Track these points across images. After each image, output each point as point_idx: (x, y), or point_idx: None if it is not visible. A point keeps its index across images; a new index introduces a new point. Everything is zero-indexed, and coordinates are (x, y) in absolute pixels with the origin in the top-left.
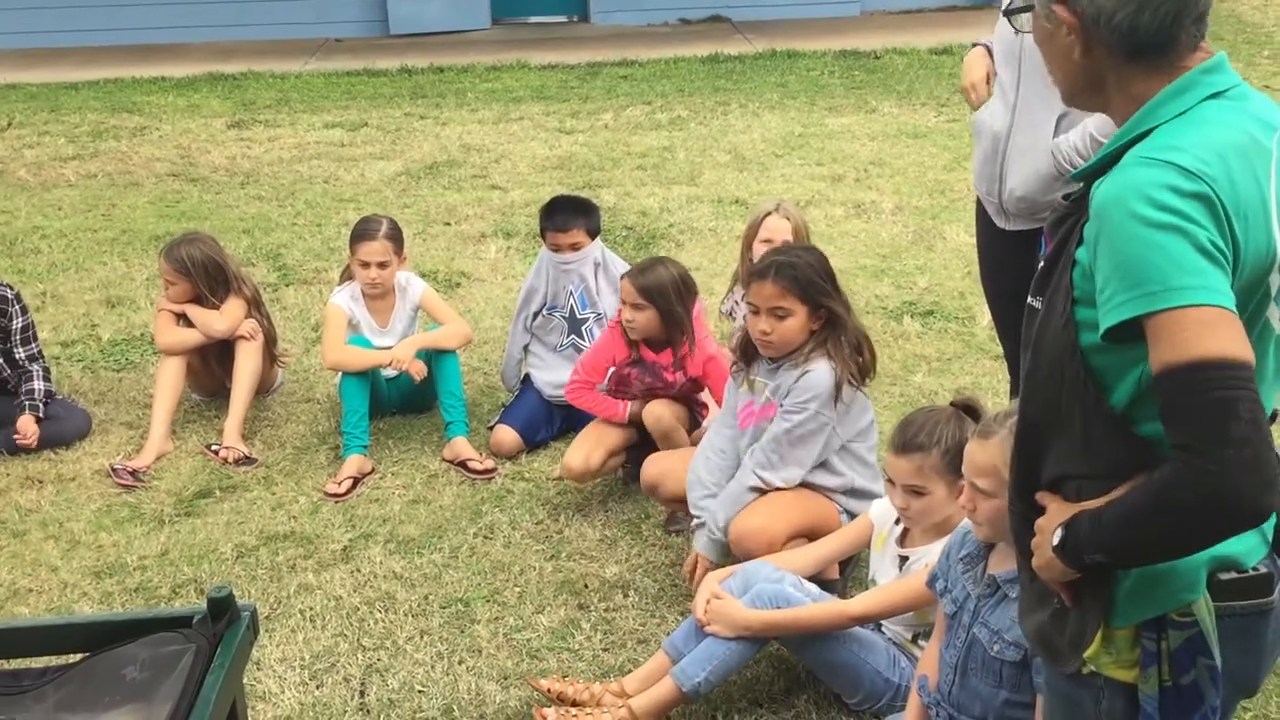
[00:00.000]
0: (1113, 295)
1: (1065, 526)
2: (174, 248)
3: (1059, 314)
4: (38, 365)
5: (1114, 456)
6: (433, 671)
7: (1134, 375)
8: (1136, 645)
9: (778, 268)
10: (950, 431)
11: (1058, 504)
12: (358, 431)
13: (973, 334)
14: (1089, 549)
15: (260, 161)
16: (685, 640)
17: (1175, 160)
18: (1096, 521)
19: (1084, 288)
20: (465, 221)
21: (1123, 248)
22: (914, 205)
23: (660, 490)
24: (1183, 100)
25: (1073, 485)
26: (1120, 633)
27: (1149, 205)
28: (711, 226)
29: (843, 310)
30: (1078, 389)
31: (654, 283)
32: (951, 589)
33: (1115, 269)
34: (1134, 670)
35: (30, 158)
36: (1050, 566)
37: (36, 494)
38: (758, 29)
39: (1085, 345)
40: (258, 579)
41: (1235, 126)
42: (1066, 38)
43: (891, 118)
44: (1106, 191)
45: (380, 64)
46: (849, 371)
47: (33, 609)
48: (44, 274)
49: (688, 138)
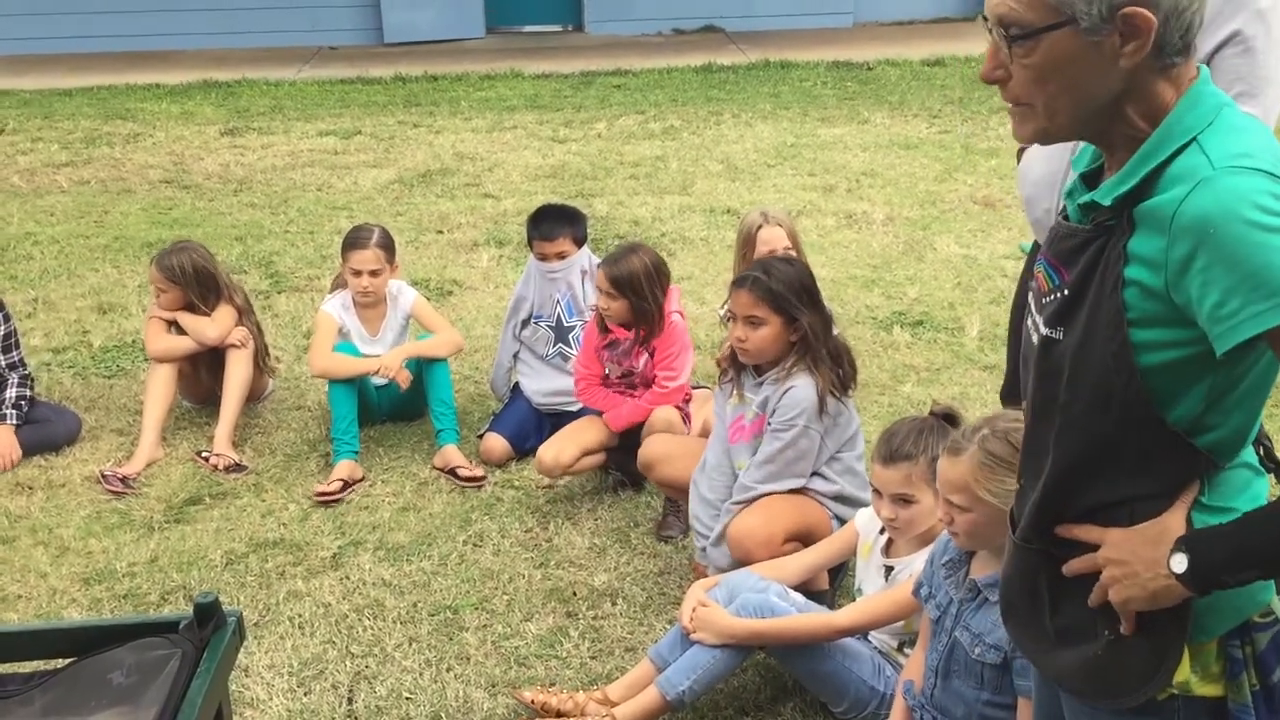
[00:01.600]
0: (1243, 307)
1: (1188, 550)
2: (165, 256)
3: (1104, 340)
4: (16, 374)
5: (1173, 473)
6: (421, 679)
7: (1200, 390)
8: (1222, 656)
9: (753, 279)
10: (935, 440)
11: (1120, 532)
12: (347, 437)
13: (961, 344)
14: (1235, 569)
15: (253, 169)
16: (671, 648)
17: (1260, 166)
18: (1242, 539)
19: (1144, 309)
20: (458, 230)
21: (1248, 257)
22: (905, 216)
23: (654, 471)
24: (1203, 110)
25: (1124, 510)
26: (1206, 647)
27: (1263, 212)
28: (704, 236)
29: (817, 324)
30: (1135, 412)
31: (625, 273)
32: (935, 594)
33: (1241, 280)
34: (1220, 683)
35: (23, 164)
36: (1157, 596)
37: (26, 500)
38: (751, 39)
39: (1145, 366)
40: (247, 586)
41: (1262, 132)
42: (1122, 48)
43: (883, 129)
44: (1206, 204)
45: (374, 72)
46: (830, 384)
47: (21, 615)
48: (36, 280)
49: (680, 147)
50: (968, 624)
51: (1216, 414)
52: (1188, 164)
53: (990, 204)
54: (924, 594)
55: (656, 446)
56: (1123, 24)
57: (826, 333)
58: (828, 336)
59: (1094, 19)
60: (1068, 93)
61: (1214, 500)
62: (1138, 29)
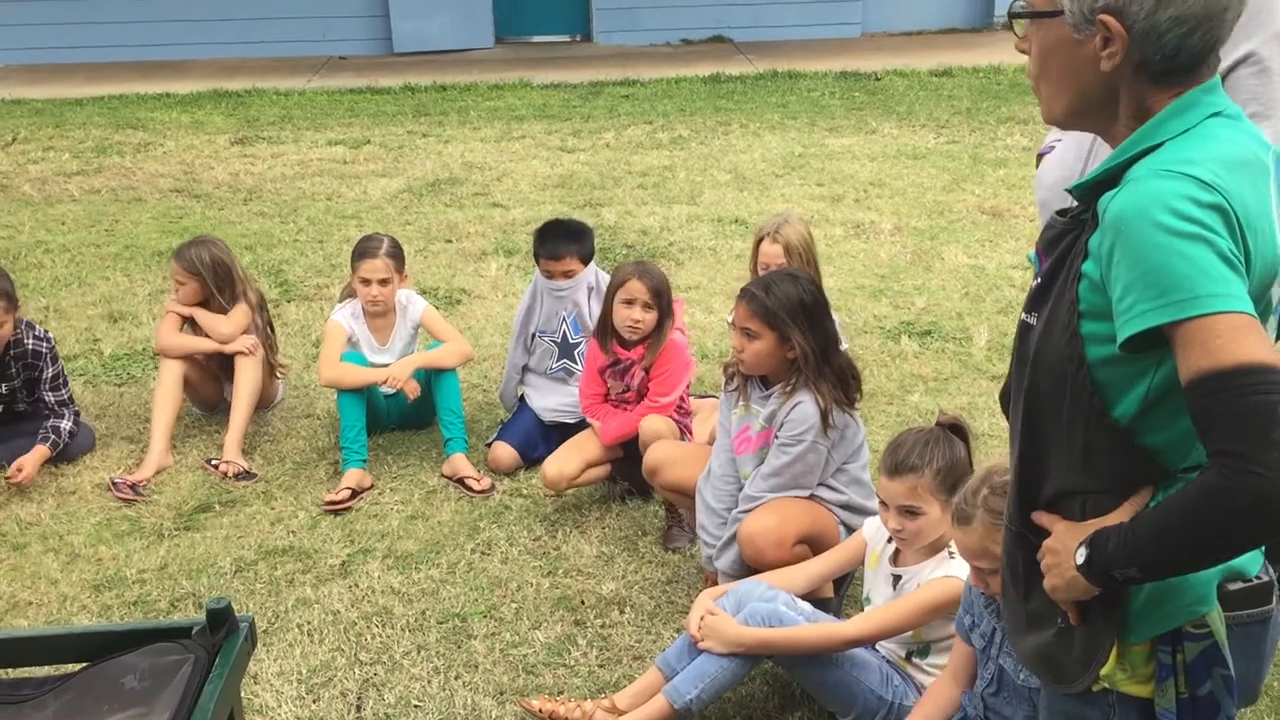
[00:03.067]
0: (1135, 304)
1: (1089, 544)
2: (184, 249)
3: (1061, 328)
4: (69, 409)
5: (1116, 470)
6: (429, 686)
7: (1140, 388)
8: (1152, 659)
9: (751, 293)
10: (940, 451)
11: (1064, 523)
12: (356, 445)
13: (969, 354)
14: (1120, 564)
15: (263, 178)
16: (678, 657)
17: (1191, 172)
18: (1128, 536)
19: (1090, 301)
20: (466, 239)
21: (1146, 257)
22: (913, 226)
23: (660, 475)
24: (1187, 117)
25: (1076, 502)
26: (1135, 648)
27: (1171, 215)
28: (711, 245)
29: (812, 344)
30: (1081, 403)
31: (663, 282)
32: (979, 624)
33: (1138, 278)
34: (1149, 685)
35: (35, 173)
36: (1071, 586)
37: (37, 507)
38: (759, 50)
39: (1092, 359)
40: (256, 593)
41: (1239, 143)
42: (1102, 50)
43: (891, 139)
44: (1124, 203)
45: (383, 81)
46: (831, 401)
47: (32, 621)
48: (47, 288)
49: (688, 157)
50: (1010, 650)
51: (1160, 415)
52: (1142, 165)
53: (998, 214)
54: (967, 623)
55: (661, 452)
56: (1100, 27)
57: (829, 351)
58: (831, 354)
59: (1077, 16)
60: (1059, 81)
61: None
62: (1111, 35)
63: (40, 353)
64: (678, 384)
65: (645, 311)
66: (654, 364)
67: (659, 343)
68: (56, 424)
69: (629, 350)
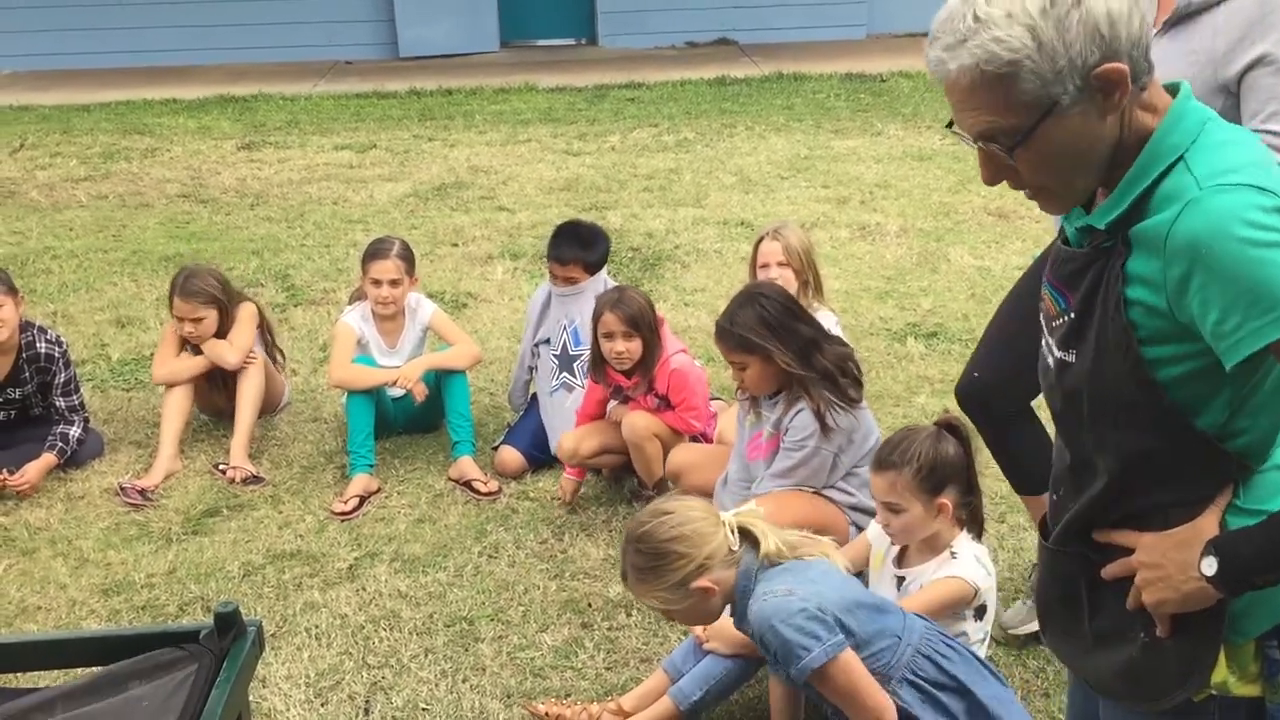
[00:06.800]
0: (1243, 323)
1: (1217, 553)
2: (189, 281)
3: (1120, 359)
4: (79, 415)
5: (1209, 478)
6: (437, 689)
7: (1223, 398)
8: (1259, 656)
9: (720, 330)
10: (925, 450)
11: (1151, 536)
12: (363, 450)
13: None
14: (1262, 570)
15: (270, 183)
16: (684, 659)
17: (1246, 181)
18: (1266, 539)
19: (1151, 327)
20: (472, 243)
21: (1241, 275)
22: (919, 227)
23: (683, 479)
24: (1186, 127)
25: (1160, 515)
26: (1241, 648)
27: (1251, 228)
28: (717, 248)
29: (791, 353)
30: (1165, 424)
31: (638, 309)
32: None
33: (1238, 297)
34: (1257, 684)
35: (42, 179)
36: (1190, 598)
37: (45, 512)
38: (764, 52)
39: (1166, 379)
40: (264, 597)
41: (1249, 144)
42: (1105, 101)
43: (897, 140)
44: (1194, 226)
45: (389, 86)
46: (825, 402)
47: (41, 626)
48: (55, 294)
49: (694, 160)
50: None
51: (1243, 418)
52: (1176, 184)
53: (1004, 215)
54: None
55: (683, 456)
56: (1099, 82)
57: (809, 354)
58: (813, 357)
59: (1073, 94)
60: (1074, 164)
61: (1249, 503)
62: (1113, 82)
63: (53, 356)
64: (701, 404)
65: (627, 341)
66: (671, 392)
67: (651, 365)
68: (65, 430)
69: (629, 379)
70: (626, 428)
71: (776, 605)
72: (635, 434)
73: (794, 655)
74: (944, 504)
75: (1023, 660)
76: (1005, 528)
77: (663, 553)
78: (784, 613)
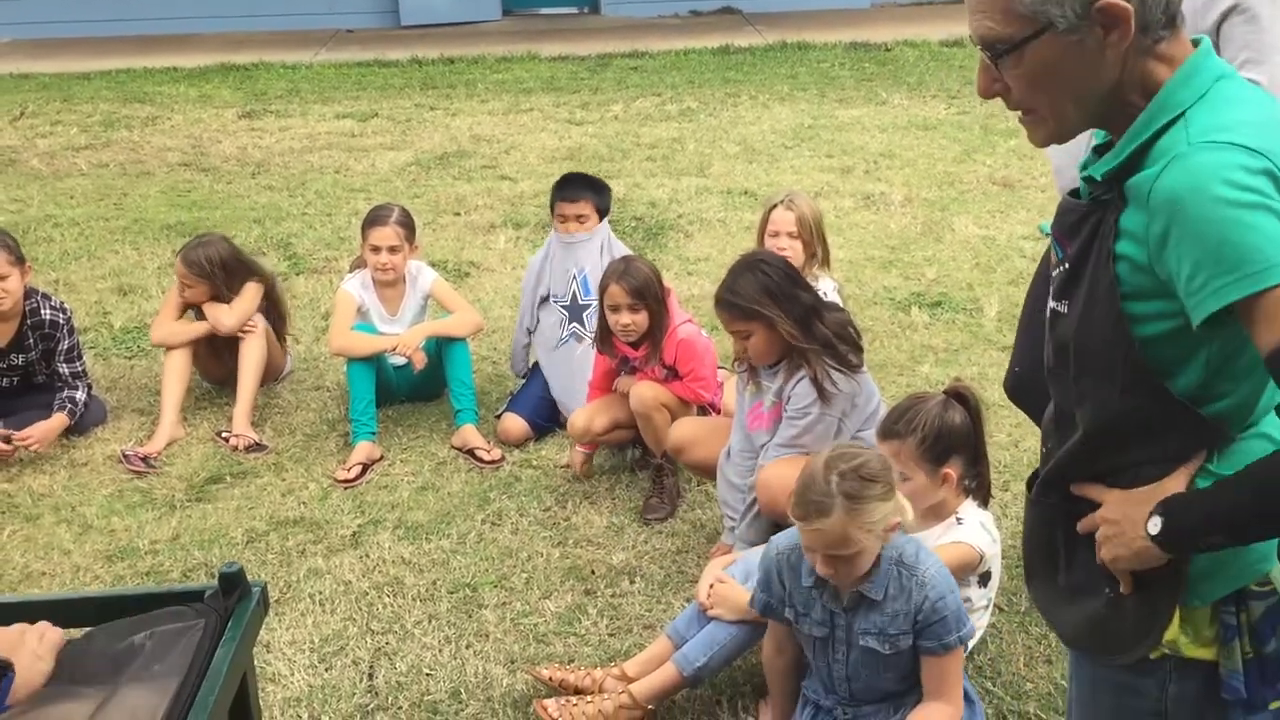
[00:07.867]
0: (1208, 281)
1: (1162, 513)
2: (191, 251)
3: (1103, 313)
4: (82, 382)
5: (1184, 441)
6: (440, 655)
7: (1199, 360)
8: (1215, 621)
9: (721, 300)
10: (930, 419)
11: (1117, 493)
12: (365, 418)
13: (980, 325)
14: (1204, 532)
15: (271, 151)
16: (688, 625)
17: (1235, 140)
18: (1214, 502)
19: (1134, 282)
20: (475, 212)
21: (1212, 232)
22: (923, 197)
23: (686, 454)
24: (1196, 84)
25: (1132, 472)
26: (1198, 611)
27: (1229, 186)
28: (720, 218)
29: (791, 321)
30: (1140, 382)
31: (643, 280)
32: (808, 612)
33: (1207, 254)
34: (1212, 648)
35: (43, 147)
36: (1138, 555)
37: (49, 479)
38: (768, 21)
39: (1143, 337)
40: (268, 563)
41: (1260, 103)
42: (1105, 38)
43: (902, 110)
44: (1175, 181)
45: (391, 55)
46: (825, 369)
47: (45, 591)
48: (56, 262)
49: (697, 129)
50: (865, 629)
51: (1222, 383)
52: (1172, 139)
53: (1009, 185)
54: (789, 616)
55: (686, 429)
56: (1100, 16)
57: (809, 322)
58: (813, 324)
59: (1070, 19)
60: (1066, 92)
61: (1222, 468)
62: (1115, 18)
63: (58, 323)
64: (709, 374)
65: (632, 314)
66: (679, 362)
67: (659, 337)
68: (72, 394)
69: (636, 350)
70: (634, 398)
71: (950, 578)
72: (643, 404)
73: (964, 620)
74: (948, 474)
75: (1025, 627)
76: (1009, 495)
77: (882, 480)
78: (953, 585)
